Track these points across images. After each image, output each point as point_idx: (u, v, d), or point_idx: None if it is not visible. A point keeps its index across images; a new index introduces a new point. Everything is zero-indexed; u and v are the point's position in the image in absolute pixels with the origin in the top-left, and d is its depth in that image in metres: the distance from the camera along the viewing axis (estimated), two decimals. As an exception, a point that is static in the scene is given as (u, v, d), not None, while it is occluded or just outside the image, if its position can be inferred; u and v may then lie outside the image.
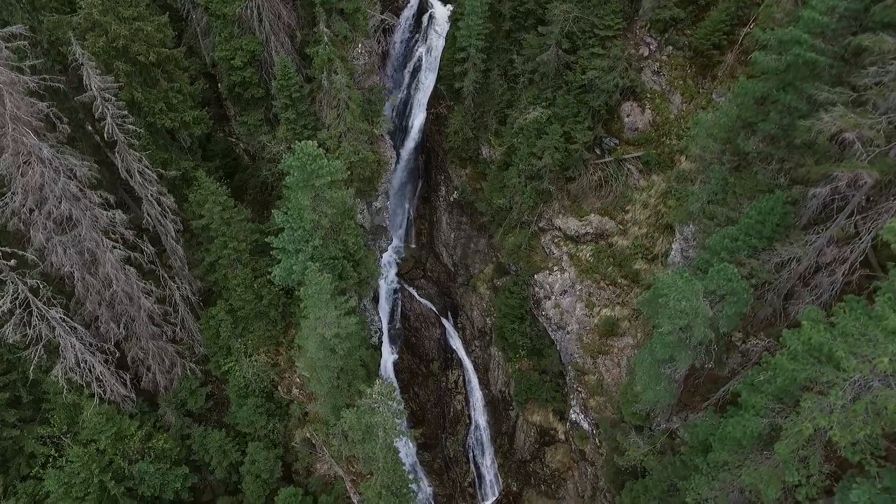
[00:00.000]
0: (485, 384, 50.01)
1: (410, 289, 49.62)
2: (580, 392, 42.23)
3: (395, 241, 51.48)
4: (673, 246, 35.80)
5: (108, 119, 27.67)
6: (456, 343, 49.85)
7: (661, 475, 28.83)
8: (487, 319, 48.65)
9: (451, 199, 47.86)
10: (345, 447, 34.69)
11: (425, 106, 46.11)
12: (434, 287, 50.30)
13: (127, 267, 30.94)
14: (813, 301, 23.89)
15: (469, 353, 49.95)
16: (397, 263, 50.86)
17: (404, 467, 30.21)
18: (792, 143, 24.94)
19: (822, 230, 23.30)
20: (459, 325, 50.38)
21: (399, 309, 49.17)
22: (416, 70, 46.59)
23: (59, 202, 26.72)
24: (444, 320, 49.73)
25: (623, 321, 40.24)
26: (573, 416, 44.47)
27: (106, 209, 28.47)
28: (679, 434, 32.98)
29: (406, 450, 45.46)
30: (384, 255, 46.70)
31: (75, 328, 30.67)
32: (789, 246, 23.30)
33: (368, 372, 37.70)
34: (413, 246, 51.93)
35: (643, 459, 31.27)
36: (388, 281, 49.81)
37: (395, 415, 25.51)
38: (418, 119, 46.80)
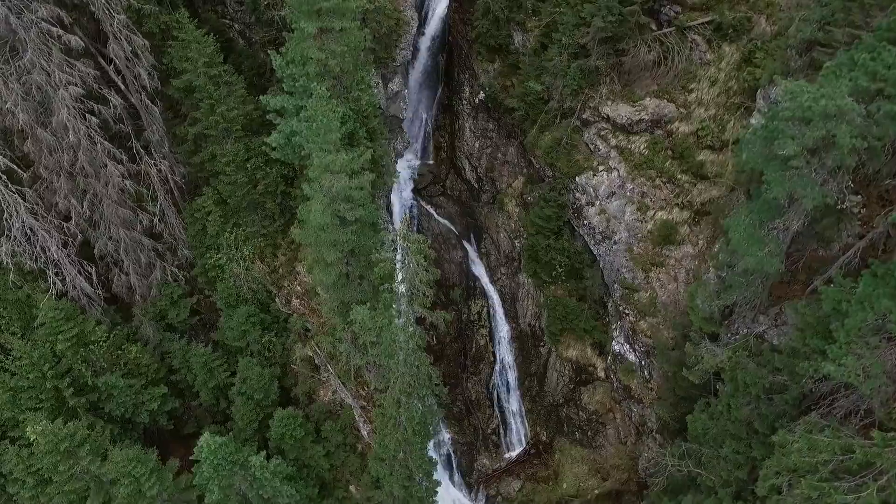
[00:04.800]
0: (512, 317, 43.89)
1: (428, 207, 43.57)
2: (628, 315, 36.12)
3: (412, 158, 45.45)
4: (752, 122, 29.65)
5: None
6: (479, 270, 43.77)
7: (756, 374, 22.73)
8: (516, 242, 42.54)
9: (477, 100, 41.77)
10: (354, 356, 28.69)
11: (448, -10, 40.03)
12: (455, 206, 44.23)
13: (89, 116, 24.92)
14: None
15: (494, 282, 43.86)
16: (413, 180, 44.78)
17: (429, 363, 24.18)
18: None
19: None
20: (483, 251, 44.30)
21: (415, 229, 43.06)
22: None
23: (-7, 5, 20.81)
24: (465, 244, 43.68)
25: (682, 226, 34.09)
26: (616, 346, 38.40)
27: (55, 26, 22.41)
28: (767, 338, 26.92)
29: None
30: (399, 162, 40.62)
31: (24, 192, 24.69)
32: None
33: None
34: (431, 162, 45.85)
35: (727, 363, 25.20)
36: (402, 198, 43.74)
37: (425, 272, 19.40)
38: (440, 6, 40.69)
